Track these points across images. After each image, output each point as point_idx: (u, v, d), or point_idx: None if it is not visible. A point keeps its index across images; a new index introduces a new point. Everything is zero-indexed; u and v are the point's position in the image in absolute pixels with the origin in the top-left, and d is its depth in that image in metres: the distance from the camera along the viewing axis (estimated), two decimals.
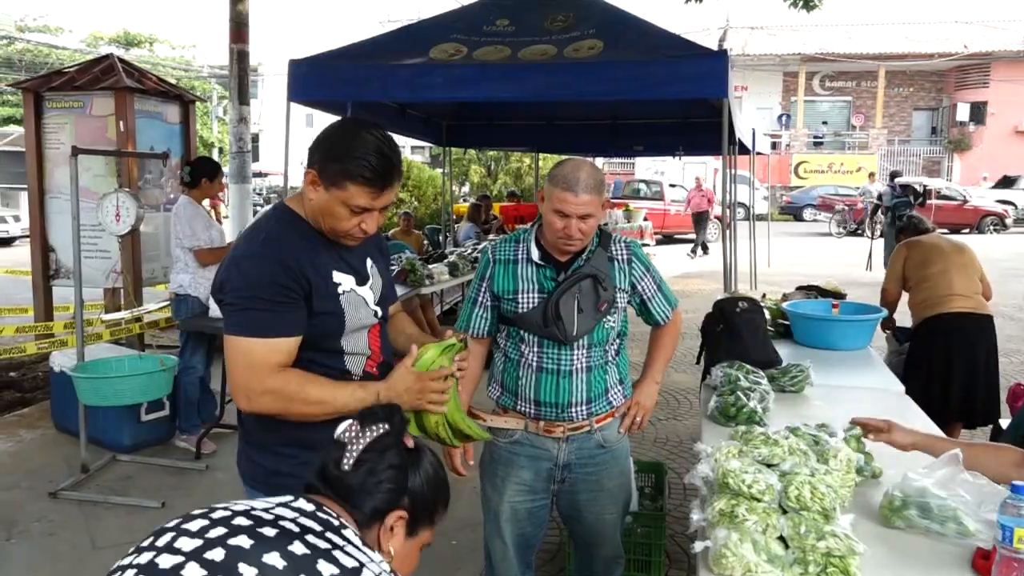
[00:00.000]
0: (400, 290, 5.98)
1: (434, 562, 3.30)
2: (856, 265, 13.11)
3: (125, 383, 4.13)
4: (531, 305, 2.20)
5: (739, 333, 3.29)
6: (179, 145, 6.53)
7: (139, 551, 1.10)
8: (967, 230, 20.25)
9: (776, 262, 13.18)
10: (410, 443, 1.36)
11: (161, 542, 1.10)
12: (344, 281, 1.80)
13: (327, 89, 5.63)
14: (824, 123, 30.30)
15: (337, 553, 1.11)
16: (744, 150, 9.87)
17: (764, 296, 4.63)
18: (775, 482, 1.77)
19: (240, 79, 7.86)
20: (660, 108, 7.97)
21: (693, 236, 18.67)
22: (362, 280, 1.85)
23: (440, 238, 10.53)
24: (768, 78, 30.13)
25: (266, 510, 1.17)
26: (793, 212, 25.00)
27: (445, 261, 7.08)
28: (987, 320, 4.31)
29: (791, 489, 1.75)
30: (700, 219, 17.02)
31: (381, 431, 1.32)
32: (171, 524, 1.14)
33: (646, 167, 23.74)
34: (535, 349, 2.22)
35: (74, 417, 4.42)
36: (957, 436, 4.35)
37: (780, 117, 29.79)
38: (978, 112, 28.37)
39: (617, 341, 2.30)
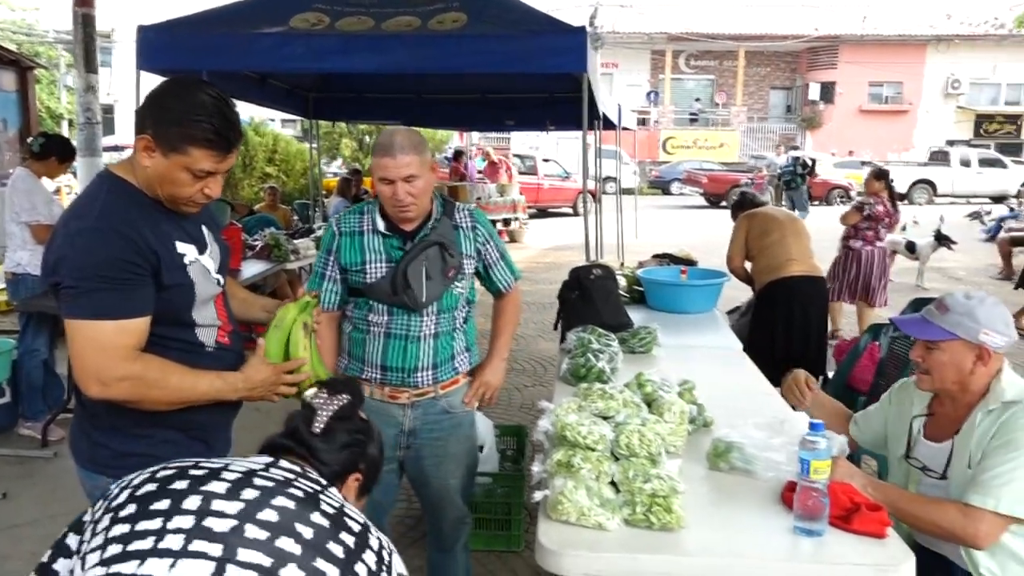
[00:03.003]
0: (263, 266, 5.85)
1: None
2: (719, 235, 13.76)
3: None
4: (379, 275, 2.22)
5: (592, 299, 3.45)
6: (16, 115, 6.09)
7: (157, 515, 1.10)
8: (817, 202, 21.64)
9: (644, 234, 13.67)
10: (363, 415, 1.49)
11: (192, 504, 1.11)
12: (188, 251, 1.75)
13: (180, 57, 5.36)
14: (697, 100, 31.51)
15: (347, 510, 1.20)
16: (611, 125, 10.17)
17: (622, 264, 4.85)
18: (608, 432, 1.90)
19: (86, 45, 7.34)
20: (527, 82, 8.06)
21: (566, 210, 19.10)
22: (202, 249, 1.81)
23: (310, 213, 10.30)
24: (637, 56, 30.97)
25: (265, 469, 1.22)
26: (662, 186, 25.94)
27: (312, 236, 6.96)
28: (821, 281, 4.69)
29: (622, 438, 1.88)
30: None
31: (346, 400, 1.44)
32: (179, 486, 1.14)
33: (521, 142, 23.97)
34: (384, 318, 2.25)
35: None
36: None
37: (649, 94, 30.73)
38: (827, 92, 30.23)
39: (466, 307, 2.36)
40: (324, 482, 1.26)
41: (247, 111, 17.82)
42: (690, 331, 3.65)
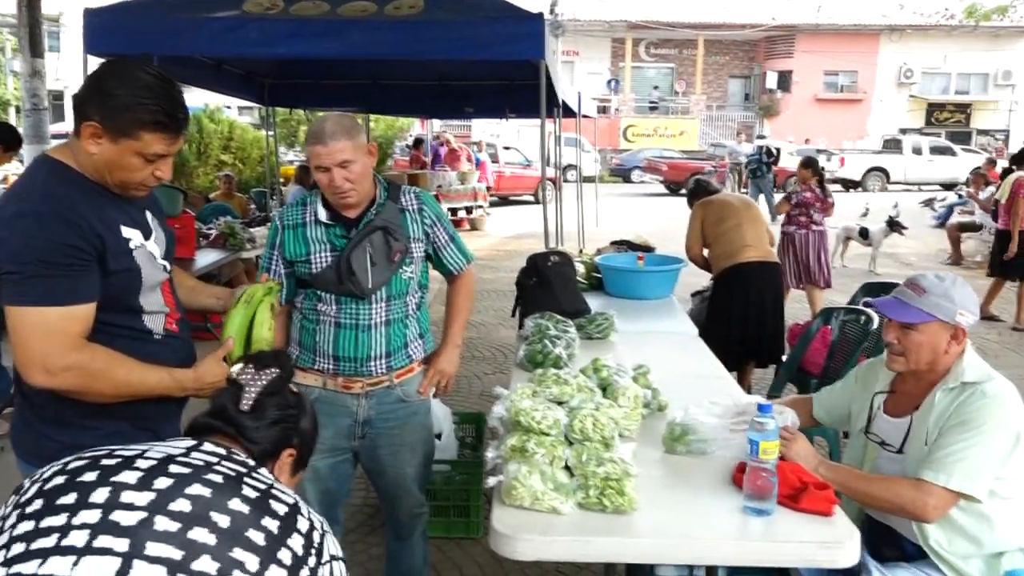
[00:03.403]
0: (218, 255, 5.75)
1: None
2: (679, 222, 13.88)
3: None
4: (324, 265, 2.19)
5: (550, 285, 3.45)
6: None
7: (63, 510, 1.05)
8: (778, 189, 21.92)
9: (604, 221, 13.73)
10: (294, 388, 1.45)
11: (99, 497, 1.06)
12: (133, 236, 1.72)
13: (130, 41, 5.23)
14: (656, 88, 31.67)
15: (275, 491, 1.16)
16: (571, 113, 10.18)
17: (581, 251, 4.86)
18: (562, 417, 1.91)
19: (32, 29, 7.15)
20: (487, 69, 8.02)
21: (527, 198, 19.09)
22: (147, 234, 1.78)
23: (267, 201, 10.15)
24: (598, 44, 31.01)
25: (185, 454, 1.17)
26: (622, 174, 26.04)
27: (269, 224, 6.86)
28: (775, 267, 4.76)
29: (576, 422, 1.89)
30: None
31: (275, 375, 1.39)
32: (89, 478, 1.09)
33: (482, 129, 23.87)
34: (333, 307, 2.22)
35: None
36: (750, 374, 4.80)
37: (609, 82, 30.81)
38: (784, 80, 30.63)
39: (418, 293, 2.34)
40: (251, 463, 1.22)
41: (202, 97, 17.48)
42: (647, 317, 3.68)
